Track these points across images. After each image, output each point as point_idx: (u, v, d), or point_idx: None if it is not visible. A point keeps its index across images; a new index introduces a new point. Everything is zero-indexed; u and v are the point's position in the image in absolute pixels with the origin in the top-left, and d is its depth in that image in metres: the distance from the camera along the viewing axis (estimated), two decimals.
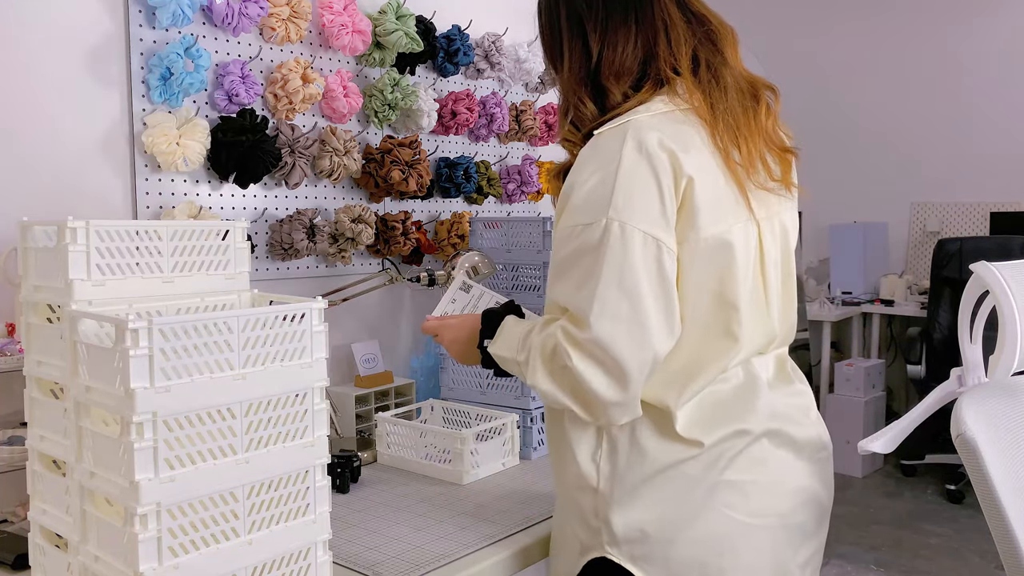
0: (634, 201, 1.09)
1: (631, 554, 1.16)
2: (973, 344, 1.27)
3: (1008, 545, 1.08)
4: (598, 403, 1.10)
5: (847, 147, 5.20)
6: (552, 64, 1.29)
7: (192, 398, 1.01)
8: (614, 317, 1.07)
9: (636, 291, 1.08)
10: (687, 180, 1.11)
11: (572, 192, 1.14)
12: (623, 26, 1.19)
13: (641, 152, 1.10)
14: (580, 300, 1.10)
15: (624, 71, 1.19)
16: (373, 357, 2.24)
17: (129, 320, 0.95)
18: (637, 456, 1.17)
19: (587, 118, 1.20)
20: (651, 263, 1.09)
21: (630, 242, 1.08)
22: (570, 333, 1.10)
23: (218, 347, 1.03)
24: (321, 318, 1.13)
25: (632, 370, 1.08)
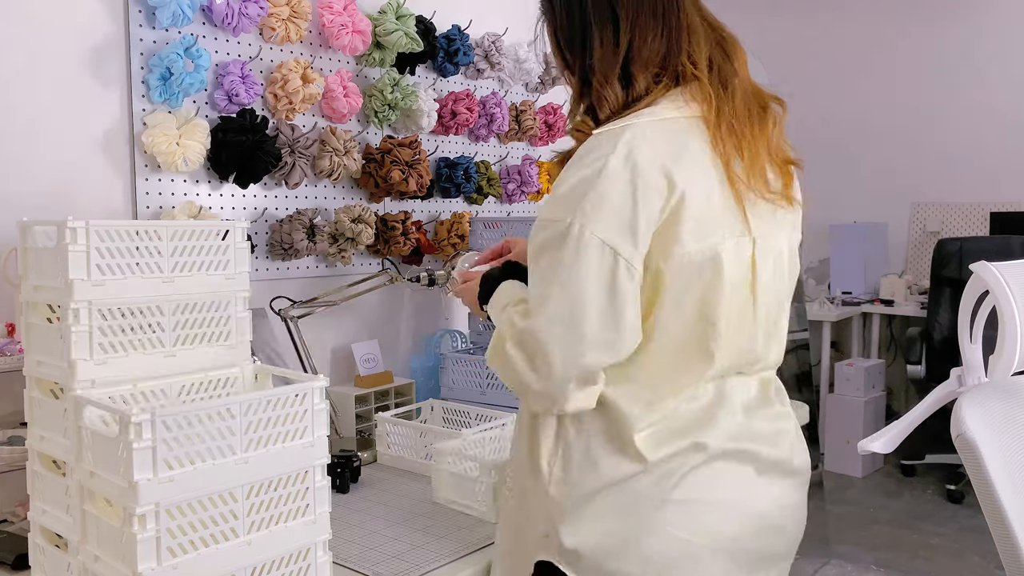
0: (603, 209, 1.07)
1: (576, 567, 1.13)
2: (973, 344, 1.27)
3: (1008, 545, 1.08)
4: (524, 388, 1.11)
5: (847, 147, 5.20)
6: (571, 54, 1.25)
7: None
8: (551, 316, 1.08)
9: (580, 297, 1.07)
10: (679, 196, 1.09)
11: (556, 186, 1.14)
12: (652, 19, 1.18)
13: (627, 163, 1.08)
14: (534, 292, 1.12)
15: (651, 62, 1.18)
16: (373, 357, 2.24)
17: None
18: (589, 466, 1.14)
19: (610, 104, 1.18)
20: (604, 273, 1.07)
21: (586, 247, 1.07)
22: (513, 322, 1.13)
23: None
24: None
25: (556, 369, 1.07)
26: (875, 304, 4.73)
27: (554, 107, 2.79)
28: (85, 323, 1.12)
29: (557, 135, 2.82)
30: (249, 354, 1.32)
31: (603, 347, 1.08)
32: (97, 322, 1.13)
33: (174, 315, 1.22)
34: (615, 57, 1.17)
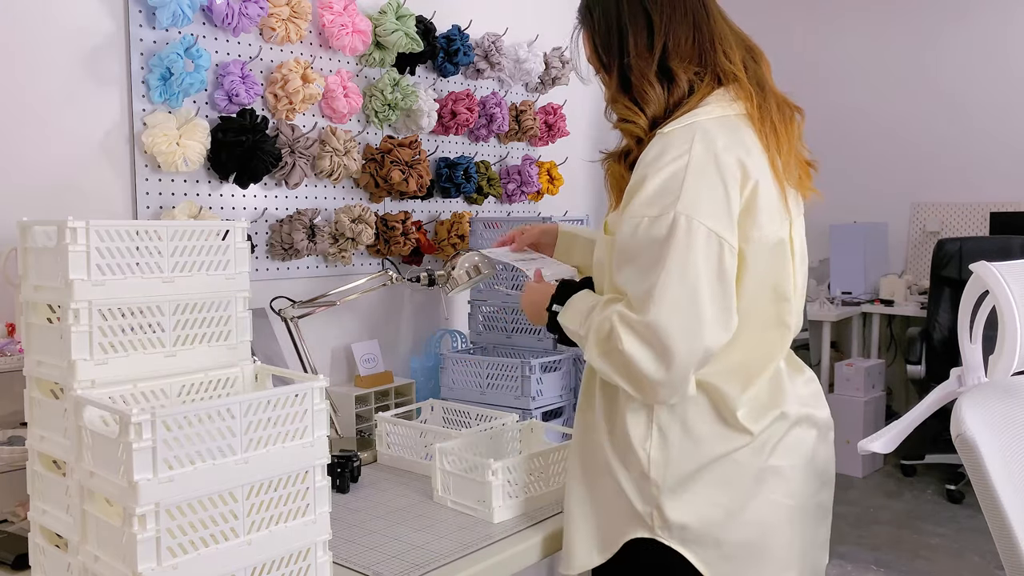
0: (701, 198, 1.16)
1: (682, 538, 1.22)
2: (973, 344, 1.27)
3: (1008, 545, 1.08)
4: (646, 382, 1.16)
5: (847, 147, 5.20)
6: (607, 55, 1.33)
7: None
8: (671, 306, 1.13)
9: (696, 284, 1.14)
10: (753, 183, 1.20)
11: (644, 184, 1.20)
12: (684, 23, 1.28)
13: (709, 153, 1.18)
14: (641, 287, 1.16)
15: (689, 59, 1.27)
16: (373, 357, 2.24)
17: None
18: (691, 445, 1.23)
19: (654, 100, 1.27)
20: (713, 259, 1.15)
21: (695, 237, 1.14)
22: (625, 317, 1.16)
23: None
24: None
25: (679, 355, 1.13)
26: (875, 304, 4.73)
27: (554, 107, 2.79)
28: (85, 323, 1.12)
29: (557, 135, 2.82)
30: (249, 354, 1.32)
31: (720, 328, 1.16)
32: (97, 322, 1.13)
33: (174, 315, 1.22)
34: (651, 55, 1.27)
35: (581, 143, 3.08)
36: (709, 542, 1.22)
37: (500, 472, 1.48)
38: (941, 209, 5.05)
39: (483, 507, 1.49)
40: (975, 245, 4.08)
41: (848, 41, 5.26)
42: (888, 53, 5.15)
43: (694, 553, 1.22)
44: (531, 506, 1.54)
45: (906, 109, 5.11)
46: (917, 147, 5.08)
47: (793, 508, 1.26)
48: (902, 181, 5.14)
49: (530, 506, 1.54)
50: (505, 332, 2.21)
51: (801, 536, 1.28)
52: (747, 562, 1.23)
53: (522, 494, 1.53)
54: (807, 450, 1.29)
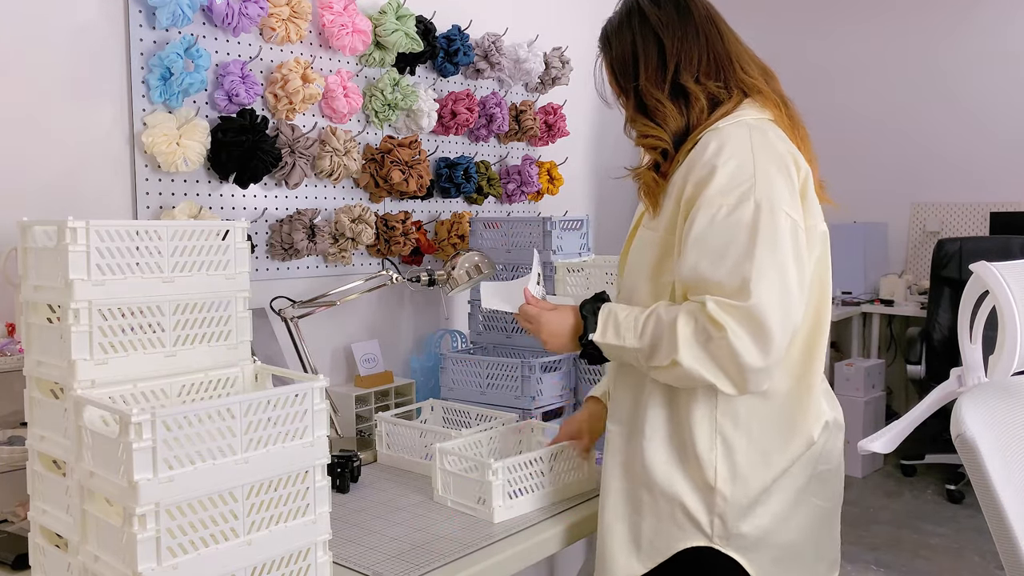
0: (774, 185, 1.21)
1: (740, 546, 1.26)
2: (973, 344, 1.27)
3: (1008, 545, 1.08)
4: (744, 371, 1.17)
5: (847, 147, 5.19)
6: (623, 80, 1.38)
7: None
8: (770, 289, 1.16)
9: (784, 267, 1.18)
10: (805, 173, 1.27)
11: (715, 174, 1.22)
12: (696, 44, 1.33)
13: (768, 143, 1.24)
14: (738, 272, 1.18)
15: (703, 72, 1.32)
16: (373, 357, 2.24)
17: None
18: (758, 457, 1.26)
19: (670, 118, 1.31)
20: (793, 241, 1.20)
21: (777, 221, 1.19)
22: (725, 306, 1.17)
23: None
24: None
25: (777, 337, 1.16)
26: (875, 304, 4.73)
27: (554, 107, 2.79)
28: (85, 323, 1.12)
29: (557, 135, 2.82)
30: (249, 354, 1.32)
31: (803, 305, 1.21)
32: (97, 322, 1.13)
33: (174, 315, 1.22)
34: (663, 76, 1.32)
35: (581, 143, 3.08)
36: (763, 548, 1.27)
37: (500, 472, 1.48)
38: (941, 209, 5.05)
39: (483, 507, 1.49)
40: (975, 245, 4.07)
41: (848, 41, 5.26)
42: (888, 53, 5.15)
43: (749, 560, 1.26)
44: (532, 505, 1.54)
45: (906, 109, 5.10)
46: (917, 147, 5.08)
47: (829, 510, 1.35)
48: (902, 181, 5.14)
49: (531, 505, 1.54)
50: (505, 332, 2.21)
51: (832, 534, 1.37)
52: (791, 563, 1.29)
53: (523, 494, 1.53)
54: (840, 453, 1.37)
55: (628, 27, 1.37)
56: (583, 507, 1.57)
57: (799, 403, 1.29)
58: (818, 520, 1.33)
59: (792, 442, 1.28)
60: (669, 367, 1.21)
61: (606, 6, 1.46)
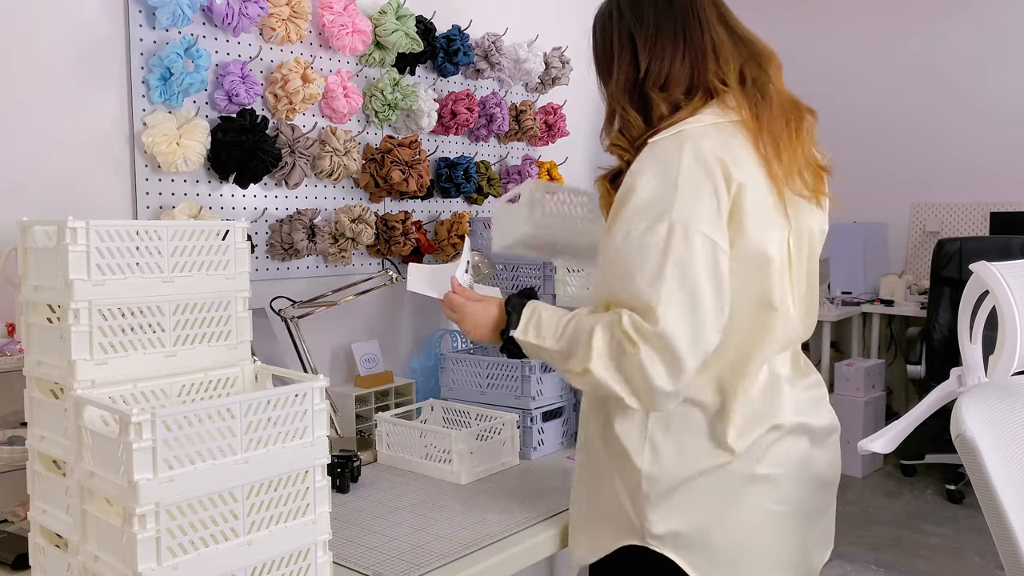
0: (694, 205, 1.17)
1: (674, 544, 1.25)
2: (973, 344, 1.27)
3: (1008, 545, 1.08)
4: (651, 391, 1.16)
5: (847, 147, 5.19)
6: (602, 77, 1.37)
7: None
8: (679, 312, 1.14)
9: (696, 289, 1.15)
10: (737, 187, 1.19)
11: (632, 195, 1.20)
12: (671, 42, 1.28)
13: (697, 159, 1.18)
14: (646, 295, 1.16)
15: (671, 82, 1.28)
16: (373, 357, 2.24)
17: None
18: (680, 458, 1.25)
19: (633, 126, 1.28)
20: (710, 263, 1.16)
21: (692, 243, 1.15)
22: (638, 325, 1.15)
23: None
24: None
25: (688, 362, 1.15)
26: (875, 304, 4.73)
27: (554, 107, 2.79)
28: (85, 323, 1.12)
29: (557, 135, 2.82)
30: (249, 354, 1.32)
31: (717, 329, 1.18)
32: (97, 322, 1.13)
33: (174, 315, 1.22)
34: (630, 81, 1.29)
35: (581, 143, 3.08)
36: (699, 548, 1.24)
37: None
38: (941, 209, 5.05)
39: None
40: (975, 245, 4.07)
41: (848, 41, 5.26)
42: (888, 53, 5.15)
43: (684, 559, 1.24)
44: None
45: (906, 109, 5.11)
46: (917, 147, 5.08)
47: (784, 514, 1.28)
48: (902, 181, 5.14)
49: None
50: None
51: (792, 540, 1.30)
52: (736, 566, 1.26)
53: None
54: (799, 458, 1.29)
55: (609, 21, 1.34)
56: None
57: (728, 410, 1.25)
58: (771, 524, 1.27)
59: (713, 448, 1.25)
60: (581, 374, 1.21)
61: None
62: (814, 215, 1.33)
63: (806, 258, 1.32)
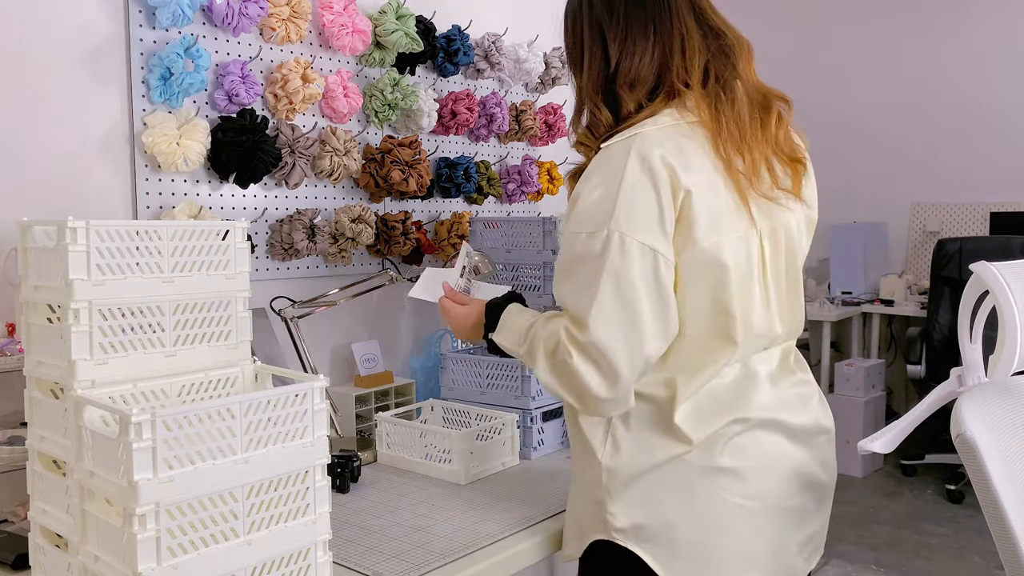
0: (634, 214, 1.16)
1: (637, 538, 1.25)
2: (973, 344, 1.27)
3: (1008, 545, 1.08)
4: (591, 398, 1.19)
5: (847, 147, 5.20)
6: (573, 71, 1.36)
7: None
8: (610, 322, 1.15)
9: (632, 298, 1.15)
10: (684, 193, 1.17)
11: (578, 200, 1.21)
12: (642, 36, 1.26)
13: (643, 167, 1.16)
14: (580, 304, 1.17)
15: (639, 81, 1.26)
16: (373, 357, 2.24)
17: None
18: (637, 451, 1.25)
19: (602, 124, 1.27)
20: (648, 272, 1.16)
21: (629, 252, 1.15)
22: (571, 333, 1.18)
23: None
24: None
25: (624, 371, 1.16)
26: (875, 304, 4.73)
27: (554, 107, 2.79)
28: (85, 323, 1.12)
29: (557, 135, 2.82)
30: (249, 354, 1.32)
31: (657, 339, 1.17)
32: (97, 322, 1.13)
33: (174, 315, 1.22)
34: (601, 78, 1.27)
35: None
36: (662, 541, 1.24)
37: None
38: (941, 209, 5.05)
39: None
40: (975, 245, 4.08)
41: (848, 41, 5.26)
42: (888, 53, 5.15)
43: (648, 553, 1.24)
44: None
45: (906, 109, 5.11)
46: (917, 147, 5.09)
47: (753, 509, 1.24)
48: (902, 181, 5.15)
49: None
50: None
51: (767, 537, 1.26)
52: (702, 561, 1.24)
53: None
54: (770, 453, 1.26)
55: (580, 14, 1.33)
56: None
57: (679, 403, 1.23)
58: (738, 519, 1.24)
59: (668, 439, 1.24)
60: (537, 375, 1.25)
61: None
62: (791, 211, 1.29)
63: (784, 257, 1.29)
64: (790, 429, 1.29)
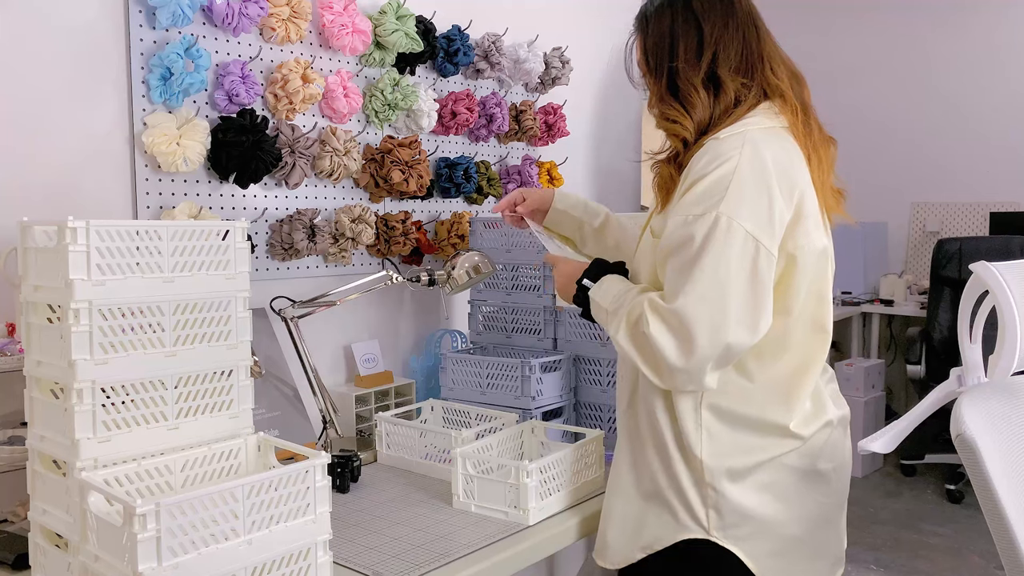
0: (745, 202, 1.21)
1: (736, 537, 1.28)
2: (973, 344, 1.26)
3: (1008, 545, 1.08)
4: (664, 366, 1.22)
5: (847, 147, 5.19)
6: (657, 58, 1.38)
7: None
8: (699, 298, 1.19)
9: (726, 281, 1.19)
10: (799, 193, 1.26)
11: (694, 187, 1.25)
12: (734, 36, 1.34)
13: (758, 162, 1.23)
14: (676, 280, 1.22)
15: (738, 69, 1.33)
16: (373, 357, 2.24)
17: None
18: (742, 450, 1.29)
19: (700, 106, 1.32)
20: (747, 260, 1.20)
21: (733, 236, 1.19)
22: (655, 304, 1.23)
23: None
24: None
25: (701, 344, 1.18)
26: (875, 304, 4.73)
27: (554, 107, 2.79)
28: (85, 323, 1.12)
29: (557, 135, 2.82)
30: (249, 354, 1.31)
31: (744, 329, 1.20)
32: (97, 322, 1.13)
33: (174, 315, 1.22)
34: (699, 63, 1.33)
35: (581, 143, 3.08)
36: (760, 541, 1.29)
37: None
38: (941, 209, 5.05)
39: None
40: (975, 245, 4.08)
41: (848, 41, 5.26)
42: (888, 53, 5.15)
43: (746, 552, 1.28)
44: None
45: (906, 109, 5.11)
46: (917, 147, 5.09)
47: (832, 505, 1.36)
48: (902, 181, 5.14)
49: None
50: (505, 332, 2.21)
51: (838, 531, 1.40)
52: (792, 558, 1.31)
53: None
54: (845, 451, 1.39)
55: (669, 8, 1.37)
56: (584, 507, 1.57)
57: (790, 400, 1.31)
58: (820, 517, 1.34)
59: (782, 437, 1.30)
60: (615, 338, 1.29)
61: (606, 6, 1.46)
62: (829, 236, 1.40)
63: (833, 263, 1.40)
64: (844, 423, 1.41)
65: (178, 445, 1.22)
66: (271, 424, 1.86)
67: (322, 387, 1.91)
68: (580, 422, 2.03)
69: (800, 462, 1.31)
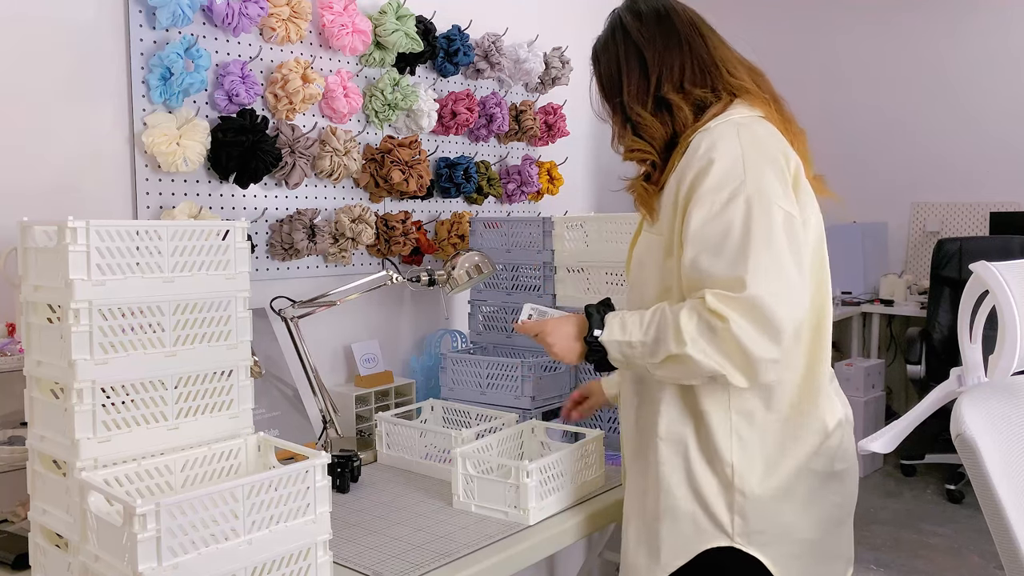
0: (765, 177, 1.22)
1: (760, 543, 1.28)
2: (973, 344, 1.26)
3: (1008, 545, 1.08)
4: (753, 362, 1.18)
5: (847, 147, 5.19)
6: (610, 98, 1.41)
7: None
8: (767, 278, 1.17)
9: (781, 258, 1.19)
10: (795, 164, 1.28)
11: (711, 168, 1.23)
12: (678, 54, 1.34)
13: (755, 138, 1.25)
14: (734, 267, 1.19)
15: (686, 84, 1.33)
16: (373, 357, 2.24)
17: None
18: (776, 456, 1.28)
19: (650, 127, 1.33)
20: (790, 232, 1.21)
21: (772, 214, 1.20)
22: (724, 297, 1.18)
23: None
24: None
25: (784, 326, 1.17)
26: (875, 304, 4.73)
27: (554, 107, 2.79)
28: (85, 323, 1.12)
29: (557, 135, 2.82)
30: (249, 354, 1.31)
31: (807, 291, 1.23)
32: (97, 322, 1.13)
33: (174, 315, 1.22)
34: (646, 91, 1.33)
35: (581, 143, 3.08)
36: (783, 544, 1.28)
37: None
38: (941, 209, 5.05)
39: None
40: (975, 245, 4.07)
41: (848, 41, 5.26)
42: (888, 53, 5.15)
43: (770, 557, 1.28)
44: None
45: (906, 109, 5.11)
46: (917, 147, 5.08)
47: (845, 507, 1.36)
48: (902, 181, 5.14)
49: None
50: (505, 332, 2.21)
51: (848, 531, 1.39)
52: (811, 560, 1.31)
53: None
54: (854, 450, 1.38)
55: (613, 43, 1.39)
56: (584, 507, 1.57)
57: (810, 399, 1.31)
58: (835, 517, 1.35)
59: (806, 439, 1.30)
60: (674, 362, 1.21)
61: (606, 7, 1.46)
62: None
63: None
64: (851, 424, 1.40)
65: (178, 445, 1.22)
66: (271, 424, 1.86)
67: (322, 387, 1.91)
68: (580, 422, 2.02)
69: (822, 463, 1.31)
